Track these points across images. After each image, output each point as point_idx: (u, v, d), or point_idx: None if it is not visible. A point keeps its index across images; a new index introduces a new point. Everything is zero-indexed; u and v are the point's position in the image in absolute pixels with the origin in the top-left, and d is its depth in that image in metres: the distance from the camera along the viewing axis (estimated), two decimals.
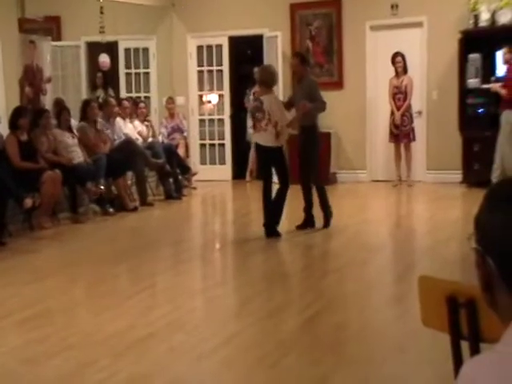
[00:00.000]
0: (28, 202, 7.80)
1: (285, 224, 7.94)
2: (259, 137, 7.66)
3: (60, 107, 9.85)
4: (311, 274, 6.33)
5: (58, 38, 12.35)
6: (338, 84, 11.92)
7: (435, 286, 2.13)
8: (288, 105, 8.04)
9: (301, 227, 7.92)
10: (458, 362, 2.05)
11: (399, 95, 11.17)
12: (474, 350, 1.99)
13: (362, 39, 11.76)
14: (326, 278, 6.14)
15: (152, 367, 4.13)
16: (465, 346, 2.04)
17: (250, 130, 12.65)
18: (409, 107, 11.17)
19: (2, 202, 7.71)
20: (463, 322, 2.03)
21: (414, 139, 11.21)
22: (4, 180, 7.70)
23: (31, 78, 10.18)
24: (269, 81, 7.60)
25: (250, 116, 8.03)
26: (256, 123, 7.68)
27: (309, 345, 4.49)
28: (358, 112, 11.78)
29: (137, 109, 11.21)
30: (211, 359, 4.27)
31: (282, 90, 11.45)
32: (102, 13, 11.17)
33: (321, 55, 12.00)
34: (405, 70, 11.16)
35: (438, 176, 11.31)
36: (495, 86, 10.22)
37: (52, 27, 12.04)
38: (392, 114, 11.21)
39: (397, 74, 11.18)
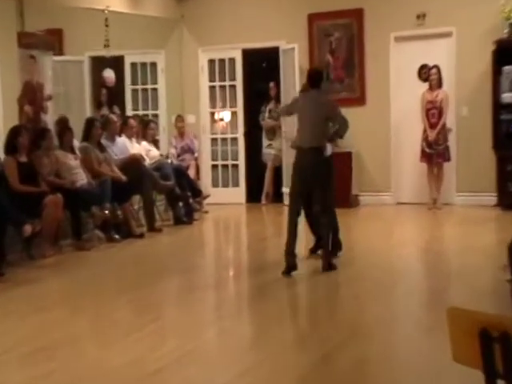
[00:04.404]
0: (28, 229, 7.79)
1: (301, 249, 7.95)
2: None
3: (62, 126, 9.90)
4: (331, 302, 6.33)
5: (60, 52, 12.46)
6: (360, 100, 11.97)
7: (466, 318, 2.11)
8: None
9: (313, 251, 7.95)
10: None
11: (433, 111, 11.10)
12: None
13: (385, 51, 11.81)
14: (347, 307, 6.13)
15: None
16: None
17: (265, 150, 12.72)
18: (444, 124, 11.11)
19: (1, 229, 7.74)
20: (498, 359, 1.99)
21: (449, 159, 11.16)
22: (2, 205, 7.71)
23: (31, 95, 10.26)
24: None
25: None
26: None
27: (329, 381, 4.48)
28: (382, 129, 11.80)
29: (146, 129, 11.25)
30: None
31: None
32: (106, 25, 11.28)
33: (341, 69, 12.05)
34: (440, 84, 11.11)
35: (468, 198, 11.29)
36: None
37: (53, 41, 12.15)
38: (424, 131, 11.15)
39: (431, 88, 11.14)
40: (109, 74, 11.78)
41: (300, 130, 7.47)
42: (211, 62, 13.07)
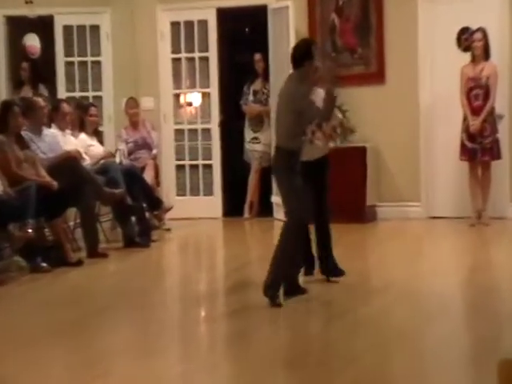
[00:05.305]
0: None
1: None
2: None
3: None
4: (340, 352, 6.35)
5: None
6: (378, 76, 12.03)
7: None
8: None
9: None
10: None
11: (477, 91, 11.18)
12: None
13: (412, 12, 11.89)
14: (361, 358, 6.16)
15: None
16: None
17: (249, 145, 12.75)
18: (492, 109, 11.20)
19: None
20: None
21: (498, 156, 11.25)
22: None
23: None
24: None
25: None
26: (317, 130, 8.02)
27: None
28: (408, 116, 11.86)
29: (85, 116, 11.25)
30: None
31: None
32: None
33: (352, 35, 12.12)
34: (486, 54, 11.19)
35: None
36: None
37: None
38: (465, 118, 11.24)
39: (474, 60, 11.21)
40: (32, 42, 11.80)
41: None
42: (175, 25, 13.10)
